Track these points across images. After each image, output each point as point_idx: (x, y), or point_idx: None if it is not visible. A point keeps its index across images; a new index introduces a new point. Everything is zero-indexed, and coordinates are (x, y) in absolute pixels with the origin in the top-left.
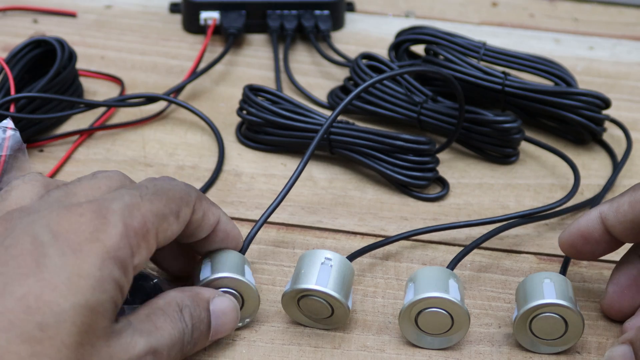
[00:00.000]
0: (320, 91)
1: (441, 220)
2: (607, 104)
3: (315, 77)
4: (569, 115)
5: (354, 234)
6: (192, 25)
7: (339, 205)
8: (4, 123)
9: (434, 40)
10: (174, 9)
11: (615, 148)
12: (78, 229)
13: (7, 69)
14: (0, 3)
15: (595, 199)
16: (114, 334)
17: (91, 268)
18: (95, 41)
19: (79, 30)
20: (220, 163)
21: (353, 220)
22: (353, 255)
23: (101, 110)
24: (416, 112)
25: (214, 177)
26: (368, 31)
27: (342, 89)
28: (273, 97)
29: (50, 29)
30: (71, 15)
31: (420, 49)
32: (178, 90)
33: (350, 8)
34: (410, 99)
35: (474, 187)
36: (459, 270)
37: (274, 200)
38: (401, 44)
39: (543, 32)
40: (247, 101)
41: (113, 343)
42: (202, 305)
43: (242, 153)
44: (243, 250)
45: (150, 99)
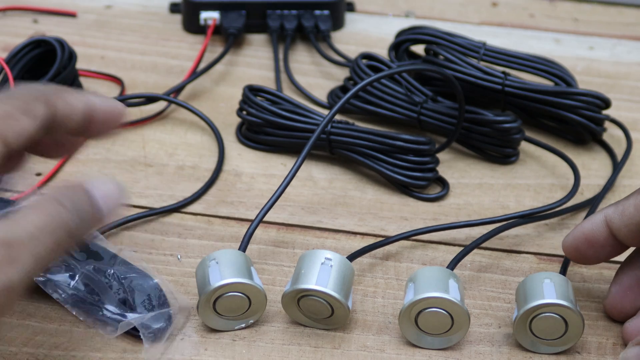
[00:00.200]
0: (320, 91)
1: (441, 220)
2: (607, 104)
3: (315, 77)
4: (569, 115)
5: (354, 234)
6: (192, 25)
7: (339, 205)
8: None
9: (434, 40)
10: (174, 9)
11: (615, 148)
12: None
13: (7, 69)
14: (0, 3)
15: (595, 199)
16: None
17: None
18: (95, 41)
19: (79, 30)
20: (220, 163)
21: (353, 220)
22: (353, 255)
23: None
24: (416, 112)
25: (214, 177)
26: (368, 31)
27: (342, 89)
28: (273, 98)
29: (50, 29)
30: (71, 15)
31: (420, 49)
32: (178, 90)
33: (350, 8)
34: (410, 99)
35: (474, 187)
36: (459, 270)
37: (271, 196)
38: (401, 44)
39: (543, 32)
40: (247, 101)
41: None
42: (78, 189)
43: (242, 153)
44: (242, 248)
45: (150, 99)
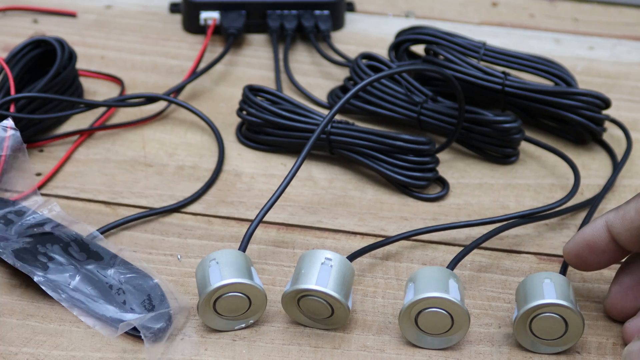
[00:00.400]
0: (320, 91)
1: (441, 220)
2: (607, 104)
3: (315, 77)
4: (569, 115)
5: (354, 234)
6: (192, 25)
7: (339, 205)
8: (4, 123)
9: (434, 40)
10: (174, 9)
11: (615, 148)
12: None
13: (7, 69)
14: (0, 3)
15: (595, 199)
16: None
17: None
18: (95, 41)
19: (79, 30)
20: (220, 163)
21: (353, 220)
22: (353, 255)
23: (101, 110)
24: (416, 112)
25: (214, 177)
26: (368, 31)
27: (342, 89)
28: (273, 98)
29: (50, 29)
30: (71, 15)
31: (420, 49)
32: (178, 90)
33: (350, 8)
34: (410, 99)
35: (474, 187)
36: (459, 270)
37: (271, 196)
38: (401, 44)
39: (543, 32)
40: (247, 101)
41: None
42: None
43: (242, 153)
44: (242, 248)
45: (150, 99)
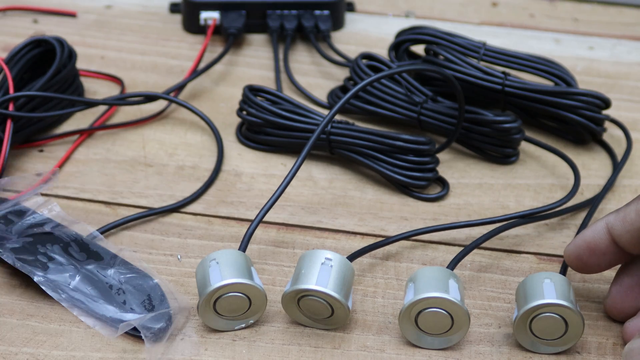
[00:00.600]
0: (320, 91)
1: (441, 220)
2: (607, 104)
3: (315, 77)
4: (569, 115)
5: (354, 234)
6: (192, 25)
7: (339, 205)
8: None
9: (434, 40)
10: (174, 9)
11: (615, 148)
12: None
13: (6, 68)
14: (0, 3)
15: (595, 199)
16: None
17: None
18: (95, 41)
19: (79, 30)
20: (219, 163)
21: (353, 220)
22: (353, 256)
23: (101, 110)
24: (416, 112)
25: (213, 177)
26: (368, 31)
27: (342, 89)
28: (273, 98)
29: (50, 29)
30: (71, 15)
31: (420, 49)
32: (178, 89)
33: (350, 8)
34: (410, 99)
35: (474, 187)
36: (459, 270)
37: (271, 196)
38: (401, 44)
39: (543, 32)
40: (247, 101)
41: None
42: None
43: (242, 153)
44: (242, 248)
45: (149, 98)
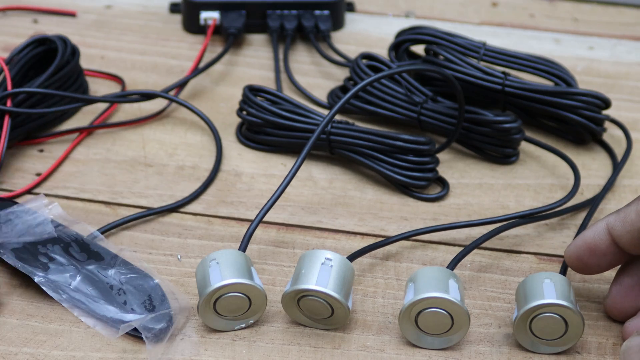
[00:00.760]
0: (320, 91)
1: (441, 220)
2: (607, 104)
3: (315, 77)
4: (569, 115)
5: (354, 234)
6: (192, 25)
7: (339, 205)
8: None
9: (434, 40)
10: (174, 9)
11: (615, 148)
12: None
13: (4, 65)
14: (0, 3)
15: (595, 199)
16: None
17: None
18: (95, 41)
19: (79, 30)
20: (218, 162)
21: (353, 220)
22: (353, 256)
23: (101, 109)
24: (416, 112)
25: (212, 177)
26: (368, 31)
27: (342, 89)
28: (273, 98)
29: (50, 29)
30: (71, 14)
31: (420, 49)
32: (177, 87)
33: (350, 8)
34: (410, 99)
35: (474, 187)
36: (459, 270)
37: (271, 196)
38: (401, 44)
39: (543, 32)
40: (247, 101)
41: None
42: None
43: (242, 153)
44: (242, 248)
45: (149, 96)
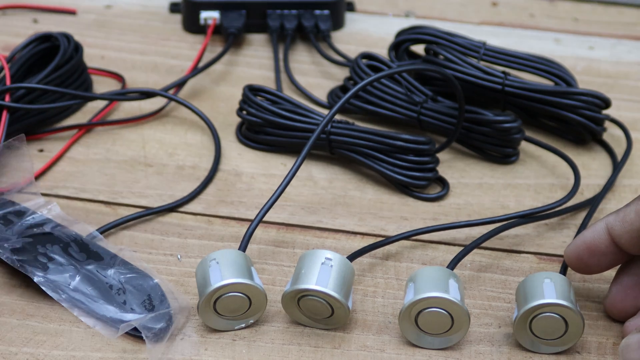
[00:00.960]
0: (320, 91)
1: (441, 220)
2: (607, 104)
3: (315, 77)
4: (569, 115)
5: (354, 234)
6: (192, 25)
7: (339, 205)
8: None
9: (434, 40)
10: (174, 9)
11: (615, 148)
12: None
13: (4, 61)
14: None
15: (595, 199)
16: None
17: None
18: (95, 41)
19: (79, 30)
20: (216, 162)
21: (353, 220)
22: (353, 255)
23: (100, 107)
24: (416, 112)
25: (211, 176)
26: (368, 31)
27: (342, 88)
28: (273, 97)
29: (50, 28)
30: (71, 12)
31: (421, 49)
32: (177, 86)
33: (350, 8)
34: (410, 99)
35: (474, 187)
36: (459, 270)
37: (271, 196)
38: (401, 43)
39: (543, 32)
40: (247, 101)
41: None
42: None
43: (242, 153)
44: (242, 248)
45: (147, 94)
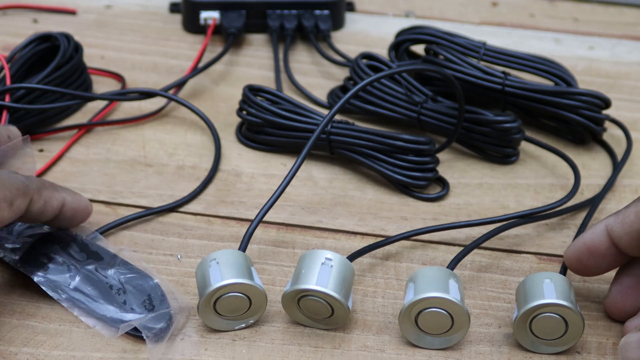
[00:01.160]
0: (320, 91)
1: (441, 220)
2: (607, 104)
3: (315, 77)
4: (569, 115)
5: (354, 234)
6: (192, 25)
7: (339, 205)
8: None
9: (434, 40)
10: (174, 9)
11: (615, 148)
12: None
13: (4, 61)
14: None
15: (595, 199)
16: None
17: None
18: (95, 41)
19: (79, 30)
20: (216, 162)
21: (353, 220)
22: (353, 255)
23: (100, 107)
24: (416, 112)
25: (210, 176)
26: (368, 31)
27: (342, 88)
28: (273, 97)
29: (50, 28)
30: (71, 12)
31: (420, 49)
32: (177, 86)
33: (350, 8)
34: (410, 99)
35: (474, 187)
36: (459, 270)
37: (271, 196)
38: (401, 43)
39: (543, 32)
40: (247, 101)
41: None
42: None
43: (242, 153)
44: (242, 248)
45: (147, 94)
